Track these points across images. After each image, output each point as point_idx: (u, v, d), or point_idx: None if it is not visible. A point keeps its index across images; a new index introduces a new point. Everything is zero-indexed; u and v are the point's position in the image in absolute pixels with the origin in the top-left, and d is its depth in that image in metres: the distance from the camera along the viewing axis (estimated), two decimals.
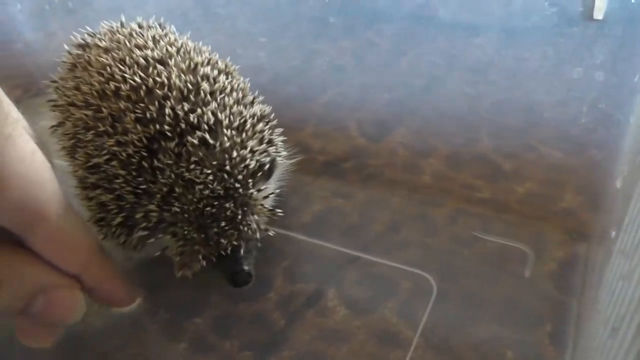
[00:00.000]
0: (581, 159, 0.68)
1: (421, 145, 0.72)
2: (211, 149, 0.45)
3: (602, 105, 0.76)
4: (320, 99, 0.81)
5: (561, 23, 0.88)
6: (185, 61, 0.49)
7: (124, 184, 0.44)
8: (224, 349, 0.50)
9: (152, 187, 0.44)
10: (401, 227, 0.61)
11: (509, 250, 0.57)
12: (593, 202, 0.62)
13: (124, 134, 0.44)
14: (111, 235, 0.48)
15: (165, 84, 0.46)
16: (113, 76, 0.47)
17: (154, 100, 0.45)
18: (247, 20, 0.99)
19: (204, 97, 0.47)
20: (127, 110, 0.45)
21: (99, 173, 0.46)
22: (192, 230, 0.45)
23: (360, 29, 0.95)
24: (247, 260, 0.48)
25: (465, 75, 0.84)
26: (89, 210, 0.49)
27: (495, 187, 0.65)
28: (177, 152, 0.44)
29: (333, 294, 0.54)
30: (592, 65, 0.81)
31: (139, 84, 0.46)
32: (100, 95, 0.47)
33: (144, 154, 0.44)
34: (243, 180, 0.45)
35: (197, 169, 0.44)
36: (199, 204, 0.44)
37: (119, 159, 0.44)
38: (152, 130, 0.44)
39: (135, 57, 0.48)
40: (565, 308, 0.52)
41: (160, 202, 0.44)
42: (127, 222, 0.46)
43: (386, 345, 0.50)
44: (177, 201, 0.44)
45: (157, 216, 0.45)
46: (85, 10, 0.94)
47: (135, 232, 0.46)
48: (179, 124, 0.45)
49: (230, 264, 0.47)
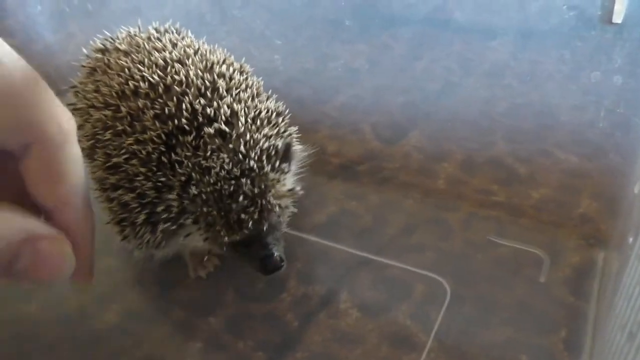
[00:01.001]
0: (598, 164, 0.68)
1: (436, 149, 0.72)
2: (227, 138, 0.45)
3: (620, 109, 0.75)
4: (335, 102, 0.82)
5: (579, 26, 0.87)
6: (202, 61, 0.50)
7: (144, 181, 0.45)
8: (237, 349, 0.51)
9: (172, 179, 0.45)
10: (415, 230, 0.61)
11: (524, 255, 0.57)
12: (610, 208, 0.61)
13: (143, 132, 0.45)
14: (134, 235, 0.48)
15: (183, 81, 0.47)
16: (132, 76, 0.48)
17: (172, 97, 0.46)
18: (262, 23, 0.99)
19: (220, 92, 0.48)
20: (145, 108, 0.46)
21: (119, 173, 0.46)
22: (212, 210, 0.45)
23: (376, 32, 0.95)
24: (276, 246, 0.48)
25: (480, 79, 0.84)
26: (110, 212, 0.49)
27: (510, 191, 0.64)
28: (194, 144, 0.45)
29: (346, 296, 0.55)
30: (610, 69, 0.80)
31: (157, 82, 0.47)
32: (119, 95, 0.48)
33: (162, 150, 0.45)
34: (258, 161, 0.46)
35: (213, 156, 0.44)
36: (216, 185, 0.44)
37: (139, 157, 0.45)
38: (170, 126, 0.45)
39: (153, 58, 0.49)
40: (581, 314, 0.51)
41: (180, 191, 0.45)
42: (150, 218, 0.46)
43: (399, 348, 0.50)
44: (196, 187, 0.44)
45: (178, 205, 0.45)
46: (103, 12, 0.95)
47: (158, 227, 0.46)
48: (196, 118, 0.45)
49: (258, 249, 0.47)
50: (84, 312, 0.55)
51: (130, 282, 0.58)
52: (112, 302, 0.55)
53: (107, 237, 0.61)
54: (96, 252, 0.63)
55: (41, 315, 0.55)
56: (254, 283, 0.57)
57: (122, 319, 0.54)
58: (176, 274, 0.58)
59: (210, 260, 0.58)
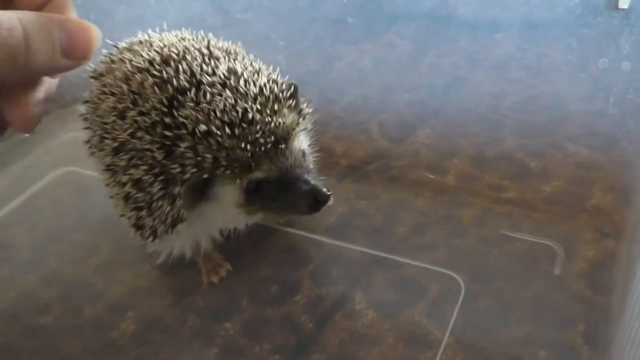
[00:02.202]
0: (610, 154, 0.67)
1: (445, 145, 0.71)
2: (228, 84, 0.45)
3: (630, 95, 0.74)
4: (342, 102, 0.82)
5: (585, 14, 0.86)
6: (200, 42, 0.50)
7: (152, 147, 0.44)
8: (254, 353, 0.51)
9: (178, 132, 0.44)
10: (427, 228, 0.61)
11: (538, 248, 0.57)
12: (624, 198, 0.60)
13: (145, 102, 0.45)
14: (151, 216, 0.47)
15: (180, 53, 0.47)
16: (134, 62, 0.48)
17: (170, 64, 0.46)
18: (266, 25, 0.99)
19: (219, 59, 0.47)
20: (144, 80, 0.46)
21: (128, 152, 0.46)
22: (225, 139, 0.43)
23: (380, 30, 0.95)
24: (314, 179, 0.46)
25: (487, 73, 0.83)
26: (125, 200, 0.48)
27: (522, 186, 0.64)
28: (196, 99, 0.44)
29: (360, 297, 0.54)
30: (618, 56, 0.79)
31: (154, 56, 0.47)
32: (122, 79, 0.48)
33: (165, 112, 0.44)
34: (261, 91, 0.45)
35: (216, 98, 0.44)
36: (224, 118, 0.43)
37: (144, 129, 0.44)
38: (170, 90, 0.45)
39: (157, 49, 0.49)
40: (598, 307, 0.51)
41: (190, 139, 0.43)
42: (167, 186, 0.45)
43: (416, 347, 0.50)
44: (205, 129, 0.43)
45: (192, 156, 0.43)
46: (107, 22, 0.96)
47: (177, 195, 0.45)
48: (194, 76, 0.45)
49: (300, 186, 0.45)
50: (99, 322, 0.55)
51: (145, 290, 0.58)
52: (128, 311, 0.56)
53: (122, 248, 0.62)
54: (111, 262, 0.65)
55: (57, 327, 0.55)
56: (268, 287, 0.57)
57: (139, 328, 0.54)
58: (190, 281, 0.58)
59: (222, 265, 0.58)
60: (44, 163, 0.76)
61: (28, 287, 0.59)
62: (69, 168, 0.74)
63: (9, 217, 0.68)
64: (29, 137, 0.57)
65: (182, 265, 0.57)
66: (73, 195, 0.70)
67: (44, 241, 0.65)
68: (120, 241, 0.62)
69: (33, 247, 0.64)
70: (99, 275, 0.60)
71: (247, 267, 0.59)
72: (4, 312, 0.57)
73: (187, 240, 0.54)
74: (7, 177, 0.75)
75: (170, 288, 0.58)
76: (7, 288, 0.59)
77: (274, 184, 0.45)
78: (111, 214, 0.53)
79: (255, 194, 0.46)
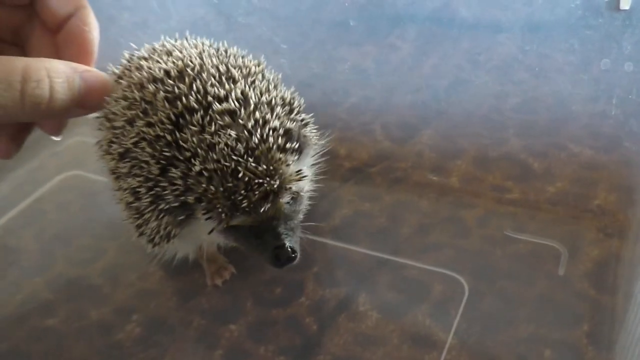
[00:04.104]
0: (613, 154, 0.67)
1: (448, 146, 0.71)
2: (236, 116, 0.44)
3: (633, 96, 0.74)
4: (345, 104, 0.82)
5: (586, 15, 0.86)
6: (219, 56, 0.50)
7: (150, 160, 0.44)
8: (259, 355, 0.51)
9: (177, 155, 0.44)
10: (431, 229, 0.61)
11: (542, 249, 0.57)
12: (628, 198, 0.60)
13: (154, 114, 0.45)
14: (145, 225, 0.48)
15: (196, 68, 0.47)
16: (150, 69, 0.48)
17: (184, 79, 0.46)
18: (269, 29, 1.00)
19: (235, 79, 0.47)
20: (157, 92, 0.46)
21: (131, 160, 0.46)
22: (214, 189, 0.43)
23: (382, 32, 0.95)
24: (289, 238, 0.45)
25: (490, 74, 0.83)
26: (126, 206, 0.49)
27: (526, 187, 0.64)
28: (202, 123, 0.44)
29: (364, 298, 0.55)
30: (620, 56, 0.79)
31: (171, 68, 0.47)
32: (136, 87, 0.48)
33: (169, 128, 0.44)
34: (264, 141, 0.44)
35: (220, 132, 0.43)
36: (219, 163, 0.42)
37: (147, 141, 0.45)
38: (180, 107, 0.44)
39: (175, 59, 0.49)
40: (602, 307, 0.51)
41: (184, 168, 0.43)
42: (155, 201, 0.45)
43: (421, 348, 0.50)
44: (200, 164, 0.43)
45: (182, 184, 0.43)
46: (112, 27, 0.97)
47: (162, 211, 0.45)
48: (206, 98, 0.45)
49: (270, 239, 0.45)
50: (105, 324, 0.56)
51: (150, 293, 0.59)
52: (133, 313, 0.56)
53: (127, 251, 0.62)
54: (116, 265, 0.65)
55: (64, 329, 0.56)
56: (272, 289, 0.57)
57: (144, 330, 0.55)
58: (195, 283, 0.58)
59: (226, 268, 0.59)
60: (50, 167, 0.77)
61: (34, 290, 0.60)
62: (75, 172, 0.75)
63: (15, 220, 0.69)
64: (35, 140, 0.57)
65: (187, 267, 0.57)
66: (79, 199, 0.71)
67: (49, 244, 0.65)
68: (126, 244, 0.62)
69: (39, 250, 0.65)
70: (104, 278, 0.60)
71: (251, 269, 0.59)
72: (10, 314, 0.58)
73: (190, 245, 0.54)
74: (13, 181, 0.75)
75: (175, 290, 0.58)
76: (13, 291, 0.60)
77: (247, 229, 0.45)
78: (116, 217, 0.53)
79: (230, 233, 0.46)
